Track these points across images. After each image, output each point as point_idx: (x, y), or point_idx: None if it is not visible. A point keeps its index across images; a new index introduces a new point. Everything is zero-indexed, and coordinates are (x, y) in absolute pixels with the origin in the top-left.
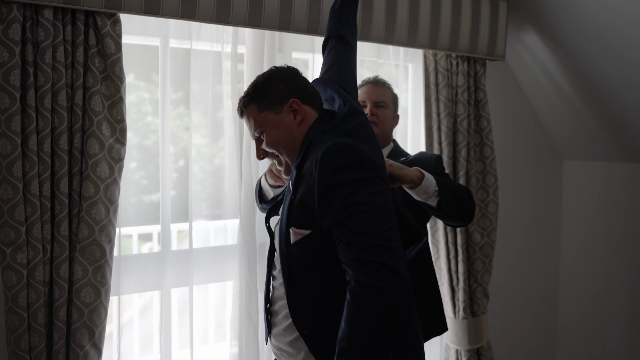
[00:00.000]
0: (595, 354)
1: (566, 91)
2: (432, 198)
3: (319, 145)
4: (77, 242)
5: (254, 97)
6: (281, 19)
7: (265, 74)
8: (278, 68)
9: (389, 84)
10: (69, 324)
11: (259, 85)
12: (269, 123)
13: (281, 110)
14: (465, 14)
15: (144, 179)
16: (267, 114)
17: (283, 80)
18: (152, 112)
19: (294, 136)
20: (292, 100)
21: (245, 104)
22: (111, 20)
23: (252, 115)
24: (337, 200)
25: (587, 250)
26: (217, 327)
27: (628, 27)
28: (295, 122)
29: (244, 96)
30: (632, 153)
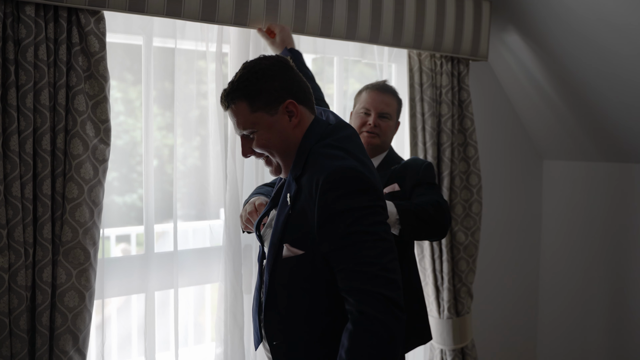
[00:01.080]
0: (575, 351)
1: (547, 91)
2: (394, 227)
3: (319, 160)
4: (61, 245)
5: (246, 93)
6: (267, 18)
7: (256, 67)
8: (269, 60)
9: (394, 89)
10: (52, 329)
11: (252, 81)
12: (262, 125)
13: (276, 112)
14: (450, 14)
15: (116, 180)
16: (260, 115)
17: (278, 77)
18: (125, 111)
19: (288, 139)
20: (289, 101)
21: (233, 99)
22: (95, 17)
23: (242, 113)
24: (339, 226)
25: (567, 249)
26: (196, 329)
27: (609, 28)
28: (290, 124)
29: (233, 89)
30: (611, 153)
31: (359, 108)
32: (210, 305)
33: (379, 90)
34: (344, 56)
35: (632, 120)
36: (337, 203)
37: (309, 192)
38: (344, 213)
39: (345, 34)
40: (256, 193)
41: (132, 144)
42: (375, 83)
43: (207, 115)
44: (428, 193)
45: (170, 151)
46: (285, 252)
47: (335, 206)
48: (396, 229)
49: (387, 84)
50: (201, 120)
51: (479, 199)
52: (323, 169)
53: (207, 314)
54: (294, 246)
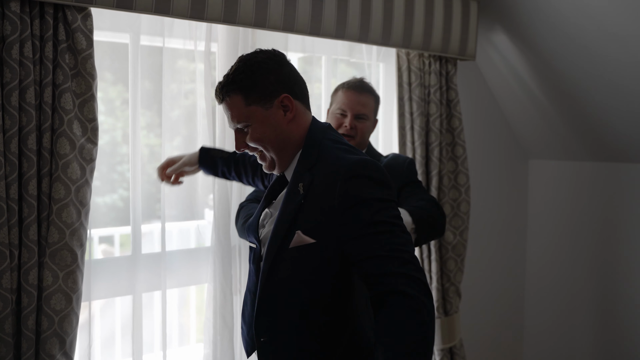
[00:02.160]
0: (561, 349)
1: (533, 91)
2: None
3: (334, 152)
4: (47, 247)
5: (242, 86)
6: (257, 16)
7: (252, 60)
8: (265, 54)
9: (371, 87)
10: (39, 332)
11: (247, 74)
12: (256, 118)
13: (271, 106)
14: (438, 14)
15: (96, 180)
16: (255, 109)
17: (274, 71)
18: (105, 111)
19: (283, 134)
20: (284, 95)
21: (228, 92)
22: (82, 14)
23: (236, 106)
24: (365, 214)
25: (553, 249)
26: (180, 330)
27: (595, 27)
28: (285, 119)
29: (228, 82)
30: (597, 152)
31: (335, 108)
32: (195, 307)
33: (355, 90)
34: (332, 55)
35: (617, 120)
36: (361, 191)
37: (327, 181)
38: (368, 202)
39: (334, 32)
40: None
41: (112, 144)
42: (352, 81)
43: (188, 115)
44: (417, 192)
45: (151, 151)
46: (295, 240)
47: (360, 194)
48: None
49: (364, 82)
50: (183, 120)
51: (467, 198)
52: (344, 159)
53: (192, 315)
54: (305, 234)
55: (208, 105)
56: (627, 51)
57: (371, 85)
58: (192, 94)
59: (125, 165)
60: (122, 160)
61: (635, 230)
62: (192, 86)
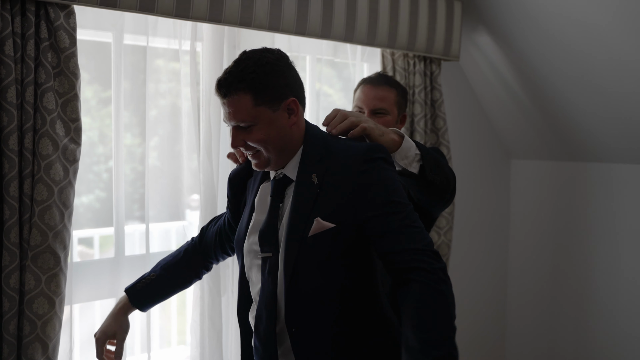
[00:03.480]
0: (543, 347)
1: (515, 91)
2: (413, 164)
3: (343, 142)
4: (29, 250)
5: (252, 86)
6: (243, 15)
7: (263, 59)
8: (274, 54)
9: (391, 79)
10: (20, 337)
11: (259, 75)
12: (263, 119)
13: (278, 108)
14: (423, 14)
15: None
16: (263, 110)
17: (285, 74)
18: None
19: (286, 137)
20: (292, 99)
21: (236, 89)
22: (65, 12)
23: (243, 104)
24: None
25: (535, 249)
26: (161, 332)
27: (577, 29)
28: (289, 122)
29: (238, 80)
30: (578, 152)
31: (354, 106)
32: (176, 309)
33: (371, 84)
34: (317, 55)
35: (597, 121)
36: (378, 173)
37: (344, 167)
38: (384, 182)
39: (320, 32)
40: None
41: (88, 144)
42: (370, 76)
43: (172, 115)
44: None
45: (129, 151)
46: (314, 227)
47: (377, 175)
48: (416, 166)
49: (381, 75)
50: (159, 120)
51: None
52: (356, 146)
53: (173, 318)
54: (325, 220)
55: (194, 105)
56: (608, 53)
57: (392, 78)
58: (171, 93)
59: (102, 166)
60: (99, 161)
61: (614, 228)
62: (176, 86)
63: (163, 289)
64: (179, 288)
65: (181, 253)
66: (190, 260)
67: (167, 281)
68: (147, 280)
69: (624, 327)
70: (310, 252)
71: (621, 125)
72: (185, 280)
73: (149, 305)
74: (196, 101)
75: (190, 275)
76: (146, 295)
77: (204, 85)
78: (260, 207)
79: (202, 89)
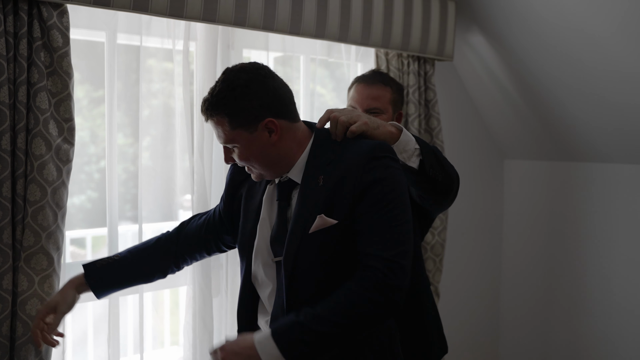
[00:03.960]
0: (536, 346)
1: (509, 91)
2: (412, 158)
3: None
4: (22, 251)
5: (225, 112)
6: (237, 14)
7: (234, 82)
8: (248, 73)
9: (386, 77)
10: (13, 339)
11: (230, 100)
12: (241, 141)
13: (255, 129)
14: (417, 14)
15: None
16: (239, 132)
17: (257, 95)
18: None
19: (270, 154)
20: (268, 120)
21: (211, 114)
22: (58, 11)
23: (222, 127)
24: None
25: (528, 248)
26: (154, 332)
27: (570, 30)
28: (270, 140)
29: (212, 104)
30: (571, 152)
31: (348, 105)
32: (169, 310)
33: (365, 83)
34: (311, 55)
35: (589, 121)
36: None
37: (349, 167)
38: (385, 180)
39: (314, 32)
40: None
41: (80, 144)
42: (364, 74)
43: (165, 114)
44: None
45: (121, 151)
46: (316, 224)
47: (380, 173)
48: (415, 161)
49: (376, 73)
50: (152, 120)
51: None
52: (364, 144)
53: (166, 318)
54: (328, 217)
55: (186, 105)
56: (600, 54)
57: (387, 75)
58: (164, 93)
59: (94, 166)
60: (90, 161)
61: (607, 228)
62: (169, 86)
63: (123, 273)
64: (140, 278)
65: (152, 240)
66: (160, 249)
67: (129, 265)
68: (109, 260)
69: (617, 327)
70: (310, 248)
71: (614, 126)
72: (150, 269)
73: (104, 288)
74: (189, 101)
75: (156, 266)
76: (103, 275)
77: (197, 85)
78: (268, 208)
79: (195, 89)
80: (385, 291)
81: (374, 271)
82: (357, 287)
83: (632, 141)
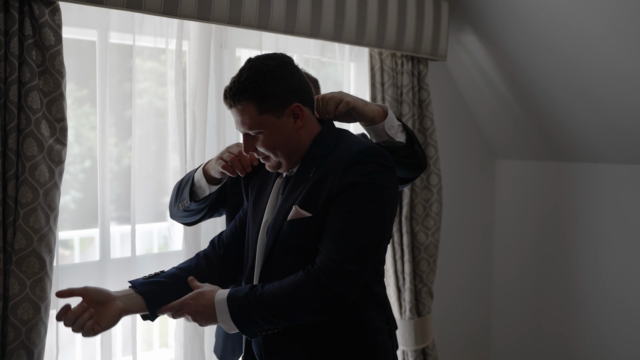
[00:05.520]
0: (527, 345)
1: (501, 91)
2: (398, 134)
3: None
4: (13, 254)
5: (254, 96)
6: (231, 13)
7: (264, 68)
8: (276, 60)
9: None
10: (4, 344)
11: (260, 84)
12: (268, 126)
13: (282, 114)
14: (410, 13)
15: None
16: (267, 117)
17: (286, 80)
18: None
19: (293, 141)
20: (295, 105)
21: (239, 99)
22: (50, 8)
23: (248, 114)
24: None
25: (519, 248)
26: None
27: (563, 30)
28: (295, 126)
29: (240, 90)
30: (563, 152)
31: None
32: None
33: None
34: (304, 54)
35: (581, 122)
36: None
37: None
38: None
39: (309, 31)
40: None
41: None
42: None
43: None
44: None
45: (112, 151)
46: (292, 213)
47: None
48: (402, 135)
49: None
50: (136, 120)
51: (439, 199)
52: (355, 145)
53: (156, 320)
54: (303, 209)
55: (179, 104)
56: (594, 55)
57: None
58: (157, 93)
59: (78, 166)
60: (75, 161)
61: (598, 228)
62: (161, 85)
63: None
64: None
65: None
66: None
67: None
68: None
69: (608, 326)
70: (284, 237)
71: (607, 127)
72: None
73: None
74: (181, 101)
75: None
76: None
77: (190, 84)
78: (273, 201)
79: (188, 88)
80: (325, 295)
81: (320, 273)
82: (301, 282)
83: (624, 141)
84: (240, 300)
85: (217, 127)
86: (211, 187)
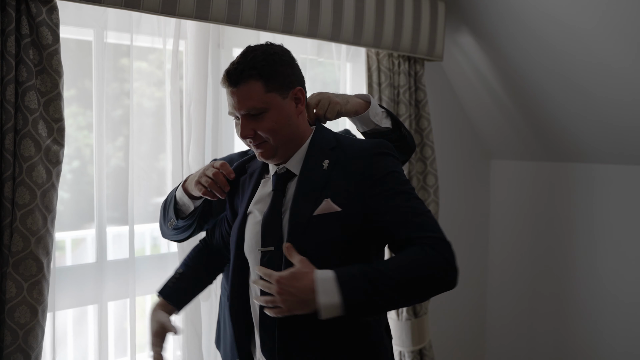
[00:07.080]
0: (522, 348)
1: (496, 92)
2: (383, 120)
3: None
4: (10, 256)
5: (263, 73)
6: (230, 13)
7: (270, 50)
8: (279, 47)
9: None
10: (1, 348)
11: (269, 62)
12: (273, 106)
13: (287, 96)
14: (407, 14)
15: None
16: (273, 96)
17: (290, 64)
18: None
19: (292, 125)
20: (298, 88)
21: (247, 77)
22: (47, 7)
23: (254, 91)
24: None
25: (514, 248)
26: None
27: (559, 30)
28: (297, 110)
29: (249, 67)
30: (558, 152)
31: None
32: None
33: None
34: (301, 54)
35: (576, 122)
36: (388, 165)
37: (356, 158)
38: (395, 173)
39: (307, 31)
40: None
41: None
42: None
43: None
44: None
45: (108, 152)
46: (322, 207)
47: (389, 167)
48: (387, 121)
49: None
50: (124, 120)
51: (436, 199)
52: (366, 141)
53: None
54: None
55: (176, 104)
56: (590, 55)
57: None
58: (152, 92)
59: (66, 167)
60: (64, 162)
61: (593, 228)
62: (158, 85)
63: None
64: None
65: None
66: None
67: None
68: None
69: (603, 326)
70: (312, 233)
71: (602, 126)
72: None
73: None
74: (178, 101)
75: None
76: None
77: (187, 84)
78: (260, 202)
79: (185, 88)
80: (450, 268)
81: (433, 245)
82: (428, 257)
83: (618, 142)
84: (354, 279)
85: (214, 127)
86: (195, 202)
